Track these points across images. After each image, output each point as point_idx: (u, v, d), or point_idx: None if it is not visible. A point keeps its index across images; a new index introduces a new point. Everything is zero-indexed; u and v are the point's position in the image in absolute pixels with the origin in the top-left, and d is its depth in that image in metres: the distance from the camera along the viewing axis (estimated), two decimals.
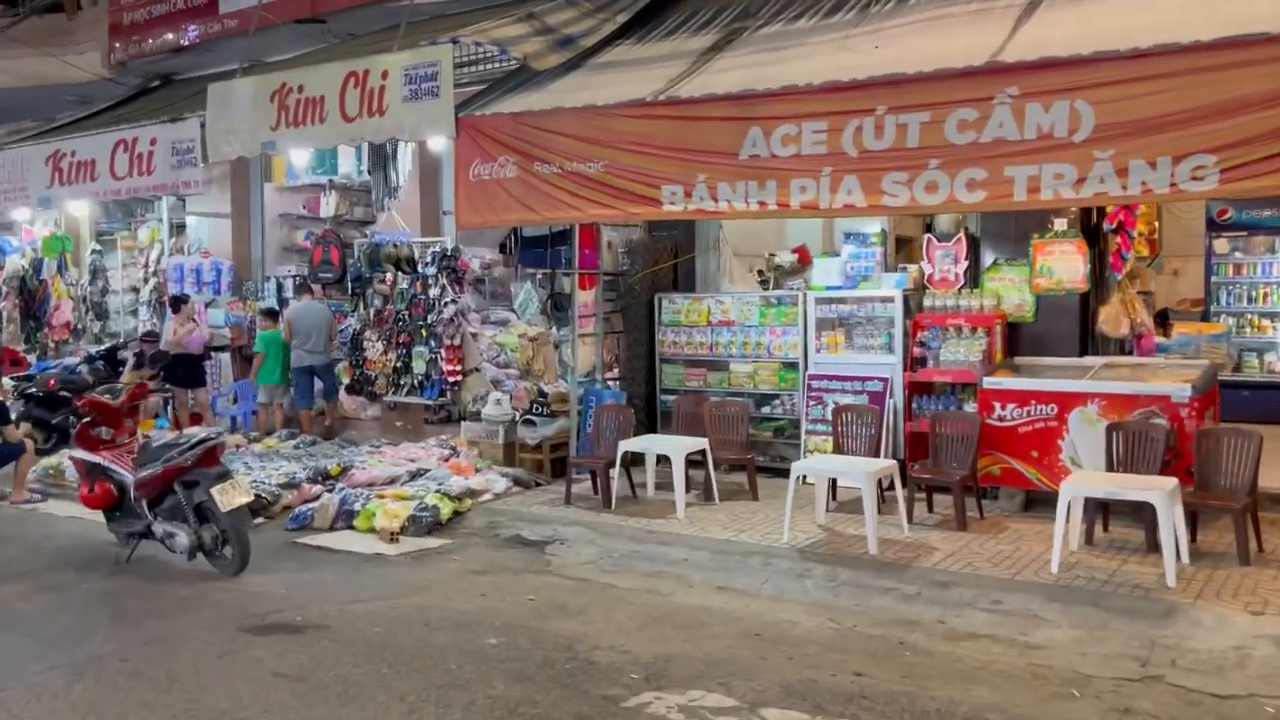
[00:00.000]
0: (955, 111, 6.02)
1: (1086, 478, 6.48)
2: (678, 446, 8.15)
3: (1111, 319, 8.33)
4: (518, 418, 9.76)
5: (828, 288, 9.24)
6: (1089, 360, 8.19)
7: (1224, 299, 12.16)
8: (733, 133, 6.78)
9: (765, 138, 6.66)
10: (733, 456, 8.66)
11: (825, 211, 6.55)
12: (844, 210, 6.49)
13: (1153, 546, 6.63)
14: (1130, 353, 8.66)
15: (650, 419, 10.12)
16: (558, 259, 9.79)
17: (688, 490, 8.14)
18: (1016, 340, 8.63)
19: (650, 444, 8.55)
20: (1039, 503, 7.91)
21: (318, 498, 8.79)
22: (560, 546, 7.64)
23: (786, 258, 11.95)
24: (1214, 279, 12.05)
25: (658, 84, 7.31)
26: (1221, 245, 12.01)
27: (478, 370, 10.53)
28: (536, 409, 9.71)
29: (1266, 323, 11.67)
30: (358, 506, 8.39)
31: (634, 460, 8.70)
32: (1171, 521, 5.97)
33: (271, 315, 11.79)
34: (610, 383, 10.28)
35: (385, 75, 8.35)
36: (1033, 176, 5.82)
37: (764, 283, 11.51)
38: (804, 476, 7.46)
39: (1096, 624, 5.65)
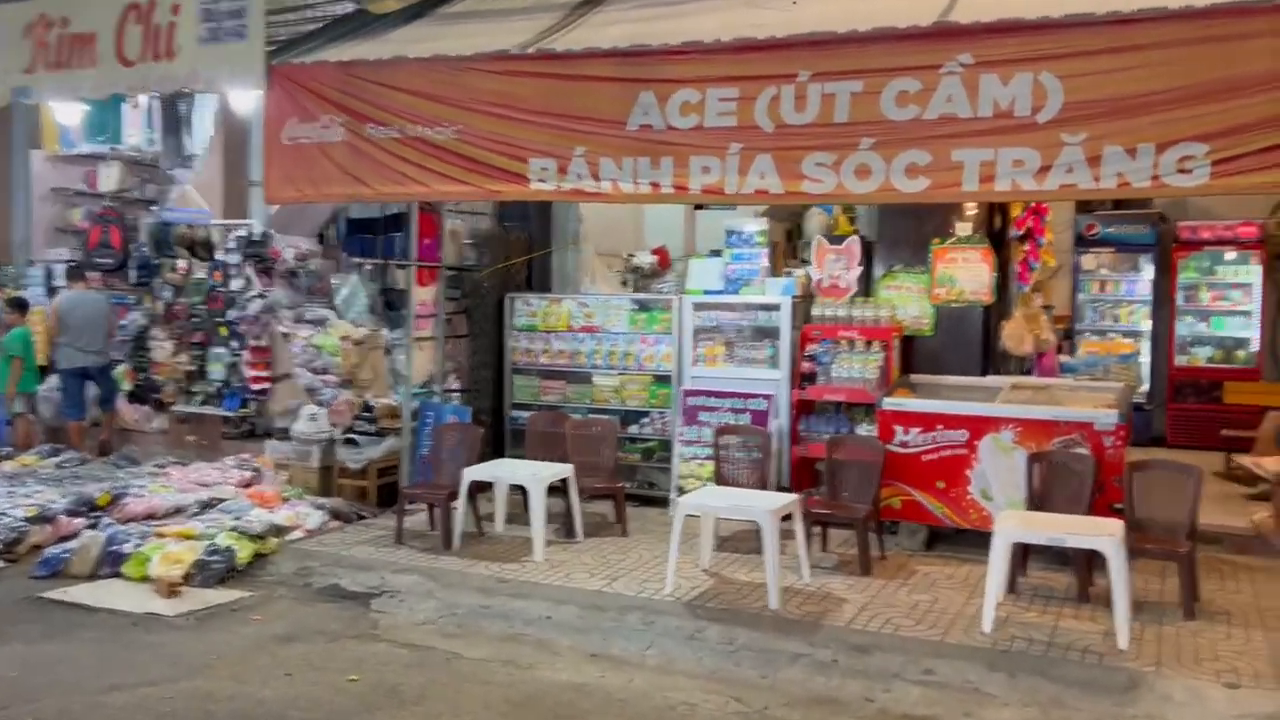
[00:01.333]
0: (894, 81, 5.02)
1: (1023, 520, 5.59)
2: (537, 475, 6.83)
3: (1015, 335, 7.59)
4: (337, 436, 8.19)
5: (706, 292, 8.14)
6: (994, 380, 7.41)
7: (1089, 316, 11.87)
8: (619, 97, 5.57)
9: (660, 105, 5.49)
10: (600, 485, 7.40)
11: (733, 197, 5.42)
12: (755, 197, 5.38)
13: (1085, 596, 5.84)
14: (1030, 372, 7.95)
15: (498, 439, 8.75)
16: (391, 248, 8.30)
17: (546, 524, 6.83)
18: (911, 356, 7.78)
19: (502, 471, 7.18)
20: (942, 539, 7.05)
21: (77, 535, 6.98)
22: (390, 600, 6.19)
23: (645, 259, 10.83)
24: (1080, 296, 11.73)
25: (525, 36, 5.99)
26: (1088, 261, 11.70)
27: (289, 377, 8.84)
28: (361, 426, 8.15)
29: (1130, 341, 11.39)
30: (129, 548, 6.66)
31: (480, 486, 7.32)
32: (1124, 573, 5.13)
33: (19, 307, 9.67)
34: (452, 395, 8.84)
35: (176, 9, 6.72)
36: (986, 163, 4.87)
37: (623, 285, 10.36)
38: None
39: (1049, 700, 4.73)
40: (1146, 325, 11.51)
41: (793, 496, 6.10)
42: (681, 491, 7.86)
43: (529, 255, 9.03)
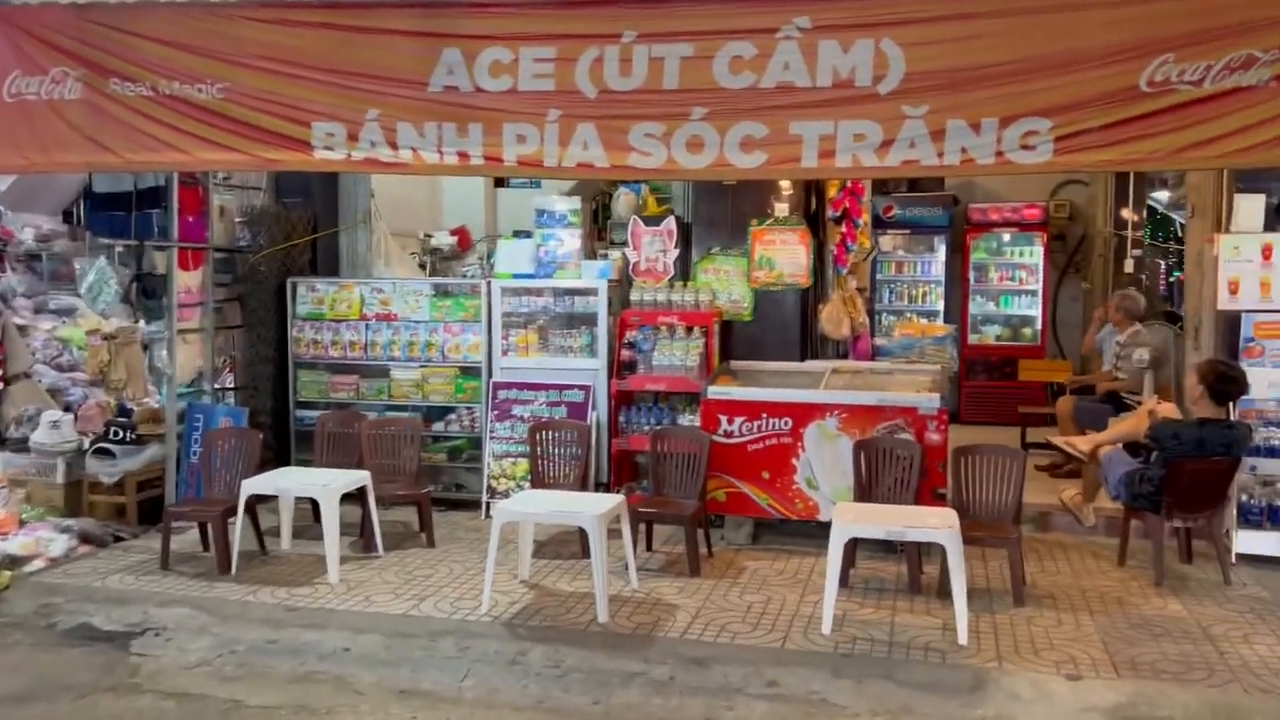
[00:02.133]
0: (727, 45, 4.58)
1: (859, 514, 5.33)
2: (328, 484, 6.03)
3: (833, 319, 7.42)
4: (86, 445, 7.04)
5: (516, 275, 7.52)
6: (814, 365, 7.21)
7: (887, 297, 12.07)
8: (419, 53, 4.89)
9: (467, 64, 4.84)
10: (402, 491, 6.67)
11: (554, 171, 4.84)
12: (578, 170, 4.82)
13: (917, 587, 5.69)
14: (846, 355, 7.82)
15: (282, 443, 7.81)
16: (147, 227, 7.16)
17: (341, 537, 6.06)
18: (730, 341, 7.47)
19: (287, 481, 6.31)
20: (768, 530, 6.79)
21: None
22: (155, 640, 5.27)
23: (444, 239, 10.11)
24: (879, 276, 11.89)
25: None
26: (886, 242, 11.87)
27: (27, 377, 7.54)
28: (116, 433, 7.04)
29: (925, 322, 11.65)
30: None
31: (261, 498, 6.43)
32: (961, 567, 4.96)
33: None
34: (225, 395, 7.82)
35: None
36: (826, 136, 4.52)
37: (421, 268, 9.58)
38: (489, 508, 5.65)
39: (899, 706, 4.47)
40: (940, 305, 11.81)
41: (619, 498, 5.62)
42: (494, 493, 7.25)
43: (313, 235, 8.10)
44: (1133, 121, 4.23)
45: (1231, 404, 5.92)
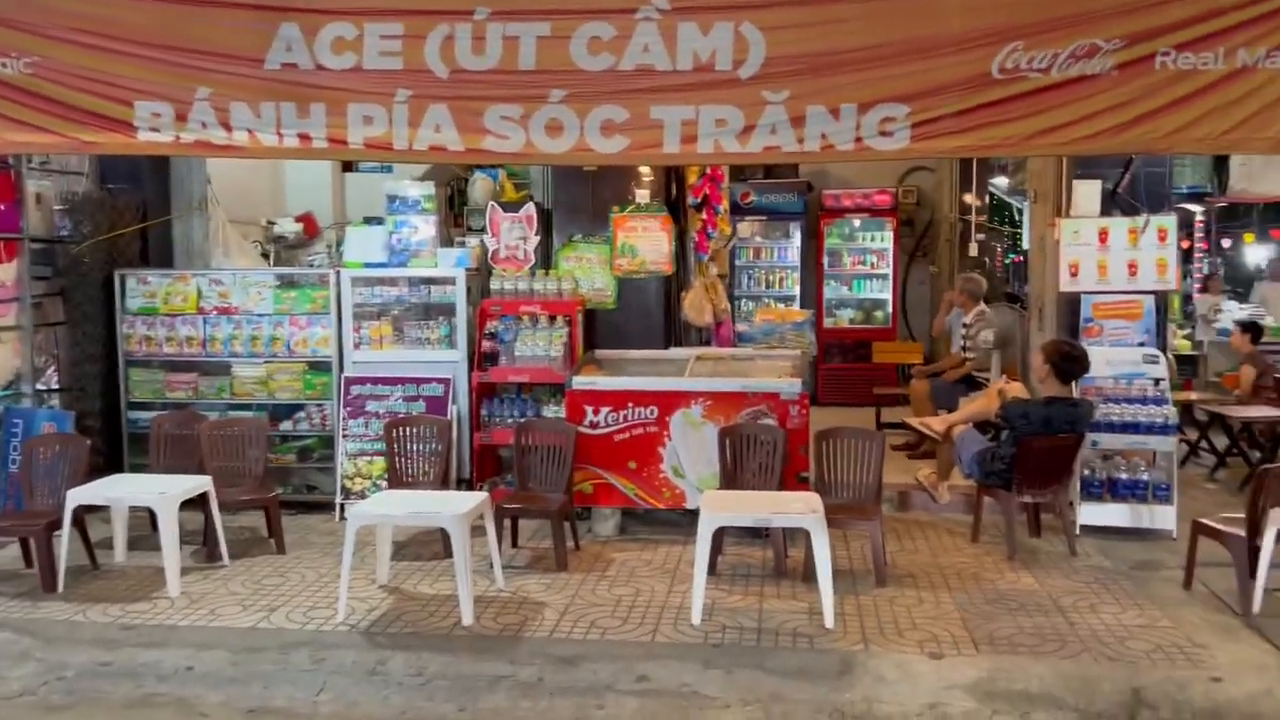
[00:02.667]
0: (585, 25, 4.44)
1: (726, 502, 5.30)
2: (164, 492, 5.60)
3: (696, 306, 7.39)
4: None
5: (367, 265, 7.18)
6: (678, 352, 7.17)
7: (745, 283, 12.20)
8: (254, 28, 4.57)
9: (306, 39, 4.55)
10: (247, 496, 6.28)
11: (404, 154, 4.60)
12: (430, 154, 4.60)
13: (783, 570, 5.72)
14: (708, 342, 7.82)
15: (114, 447, 7.26)
16: None
17: (181, 546, 5.66)
18: (594, 330, 7.35)
19: (117, 491, 5.84)
20: (635, 521, 6.72)
21: None
22: None
23: (289, 227, 9.64)
24: (737, 263, 11.99)
25: None
26: (744, 228, 11.98)
27: None
28: None
29: (783, 307, 11.82)
30: None
31: (92, 508, 5.95)
32: (826, 551, 4.98)
33: None
34: (47, 397, 7.20)
35: None
36: (688, 121, 4.44)
37: (265, 257, 9.10)
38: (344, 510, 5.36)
39: (769, 695, 4.45)
40: (797, 290, 12.01)
41: (483, 495, 5.42)
42: (349, 495, 6.93)
43: (142, 224, 7.54)
44: (986, 108, 4.31)
45: (1074, 382, 6.16)
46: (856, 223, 11.94)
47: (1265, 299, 12.02)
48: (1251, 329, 8.97)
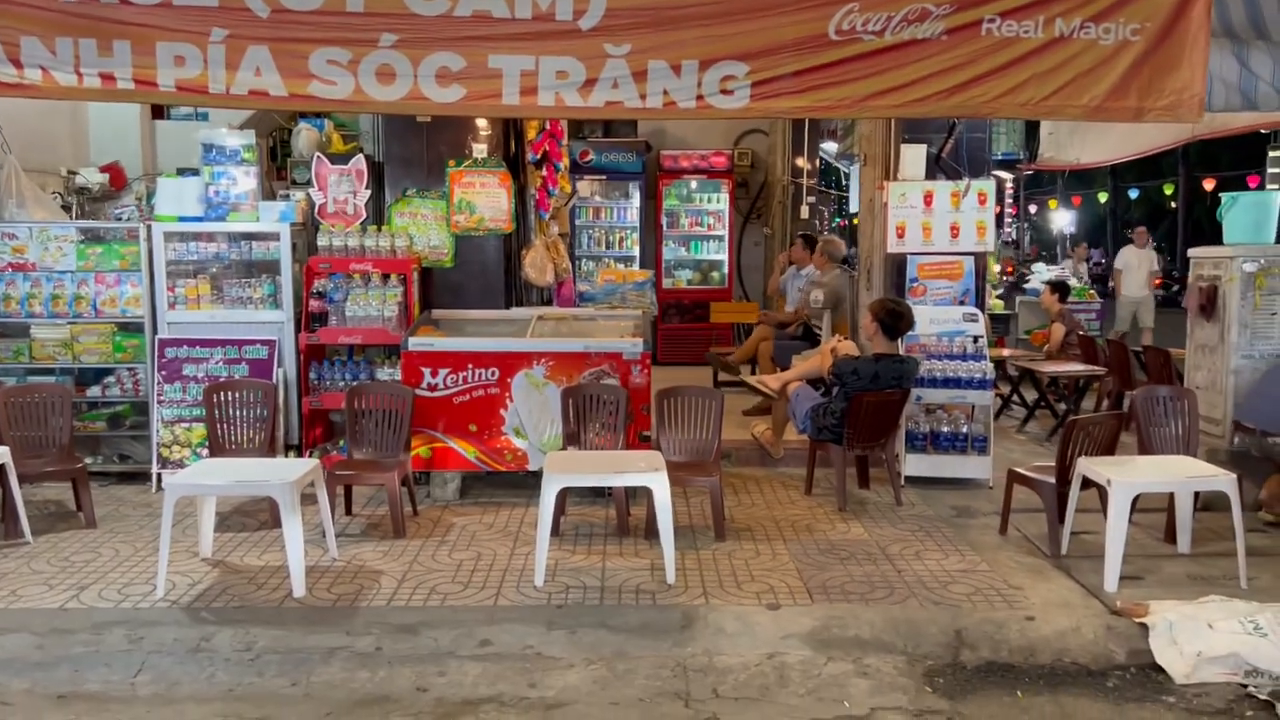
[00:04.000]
0: None
1: (569, 463, 5.25)
2: None
3: (537, 265, 7.28)
4: None
5: (182, 219, 6.71)
6: (520, 312, 7.06)
7: (585, 243, 12.13)
8: None
9: None
10: (52, 468, 5.81)
11: (220, 99, 4.27)
12: (250, 99, 4.28)
13: (625, 529, 5.74)
14: (549, 302, 7.73)
15: None
16: None
17: None
18: (430, 289, 7.14)
19: None
20: (476, 483, 6.61)
21: None
22: None
23: (93, 177, 8.91)
24: (577, 222, 11.90)
25: None
26: (584, 188, 11.89)
27: None
28: None
29: (623, 268, 11.83)
30: None
31: None
32: (668, 509, 5.03)
33: None
34: None
35: None
36: (528, 72, 4.30)
37: (65, 210, 8.38)
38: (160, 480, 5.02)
39: (613, 653, 4.47)
40: (636, 251, 12.03)
41: (313, 462, 5.18)
42: (165, 463, 6.52)
43: None
44: (823, 69, 4.36)
45: (900, 339, 6.41)
46: (694, 184, 12.04)
47: (1127, 264, 12.88)
48: (1060, 288, 9.59)
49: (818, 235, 8.73)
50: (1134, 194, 31.54)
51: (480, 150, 6.98)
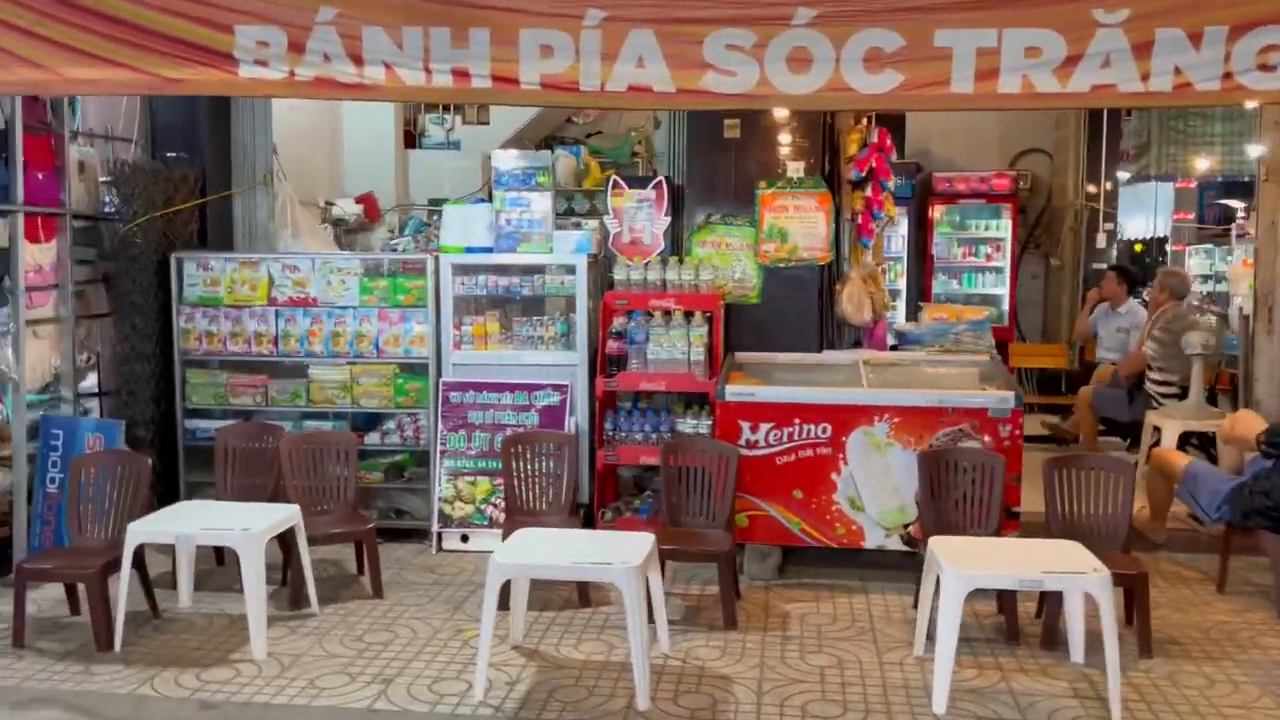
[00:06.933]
0: None
1: (972, 555, 4.13)
2: (249, 529, 4.48)
3: (855, 300, 6.26)
4: None
5: (469, 249, 6.05)
6: (836, 356, 6.03)
7: None
8: None
9: None
10: (339, 530, 5.17)
11: (592, 96, 3.46)
12: (628, 96, 3.46)
13: (1014, 636, 4.58)
14: (859, 344, 6.68)
15: (166, 462, 6.15)
16: None
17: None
18: (732, 329, 6.22)
19: (188, 526, 4.68)
20: (793, 559, 5.59)
21: None
22: None
23: (349, 209, 8.56)
24: None
25: None
26: None
27: None
28: None
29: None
30: None
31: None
32: (1113, 619, 3.86)
33: None
34: (86, 403, 6.10)
35: None
36: (986, 50, 3.29)
37: (336, 242, 8.03)
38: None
39: None
40: (902, 284, 10.86)
41: (650, 539, 4.28)
42: (447, 521, 5.83)
43: (202, 199, 6.42)
44: None
45: None
46: (970, 209, 10.78)
47: None
48: None
49: (1180, 277, 7.34)
50: None
51: (796, 169, 6.04)
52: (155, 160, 6.39)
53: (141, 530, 4.48)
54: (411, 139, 10.16)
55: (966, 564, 3.98)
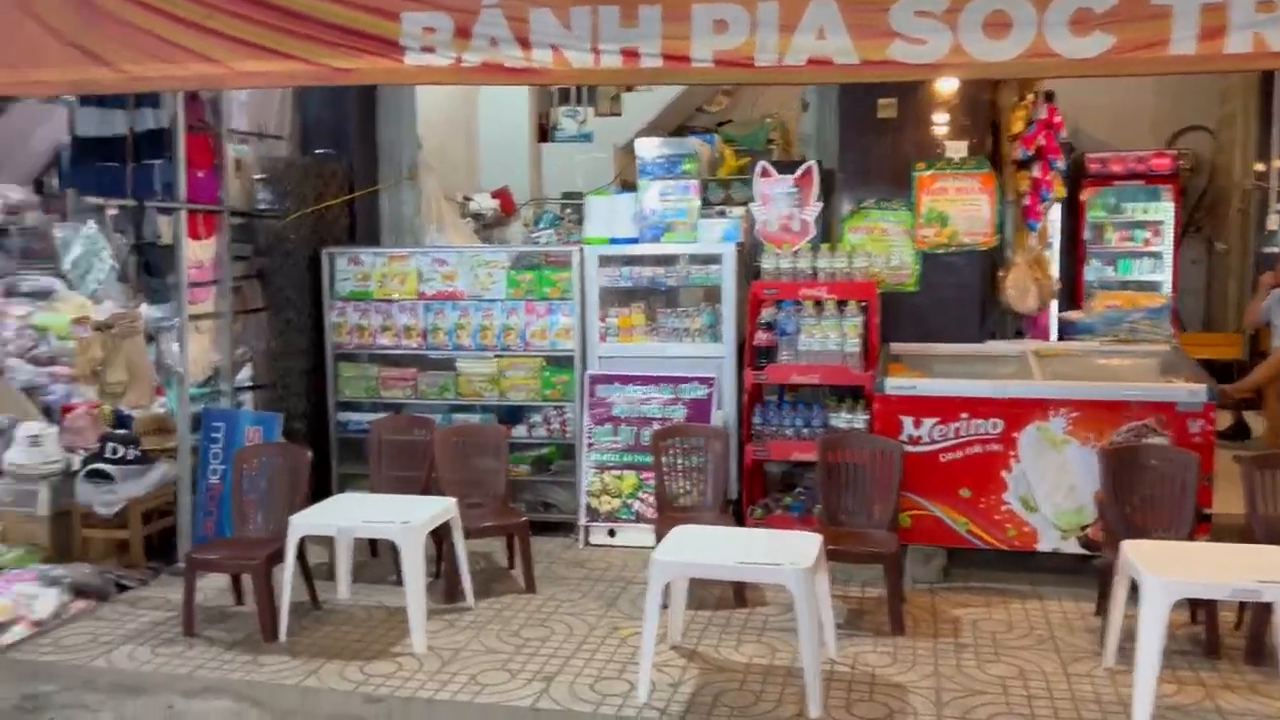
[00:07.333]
0: None
1: (1175, 562, 3.79)
2: (408, 521, 4.47)
3: (1020, 287, 5.92)
4: (76, 466, 5.47)
5: (614, 240, 5.95)
6: (1001, 347, 5.71)
7: None
8: None
9: None
10: (492, 523, 5.13)
11: (769, 72, 3.28)
12: (808, 70, 3.27)
13: (1215, 650, 4.22)
14: (1022, 334, 6.32)
15: (319, 453, 6.23)
16: (146, 183, 5.55)
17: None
18: (887, 319, 5.94)
19: (347, 519, 4.71)
20: (956, 561, 5.29)
21: None
22: None
23: (487, 203, 8.58)
24: None
25: None
26: None
27: None
28: (114, 450, 5.46)
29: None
30: None
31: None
32: None
33: None
34: (242, 395, 6.24)
35: None
36: (1212, 6, 2.95)
37: (476, 236, 8.06)
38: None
39: None
40: (1055, 270, 10.29)
41: (818, 540, 4.08)
42: (595, 515, 5.74)
43: (351, 195, 6.50)
44: None
45: None
46: (1125, 191, 10.15)
47: None
48: None
49: None
50: None
51: (957, 149, 5.74)
52: (306, 155, 6.49)
53: (304, 523, 4.52)
54: (544, 132, 10.16)
55: (1170, 571, 3.65)
